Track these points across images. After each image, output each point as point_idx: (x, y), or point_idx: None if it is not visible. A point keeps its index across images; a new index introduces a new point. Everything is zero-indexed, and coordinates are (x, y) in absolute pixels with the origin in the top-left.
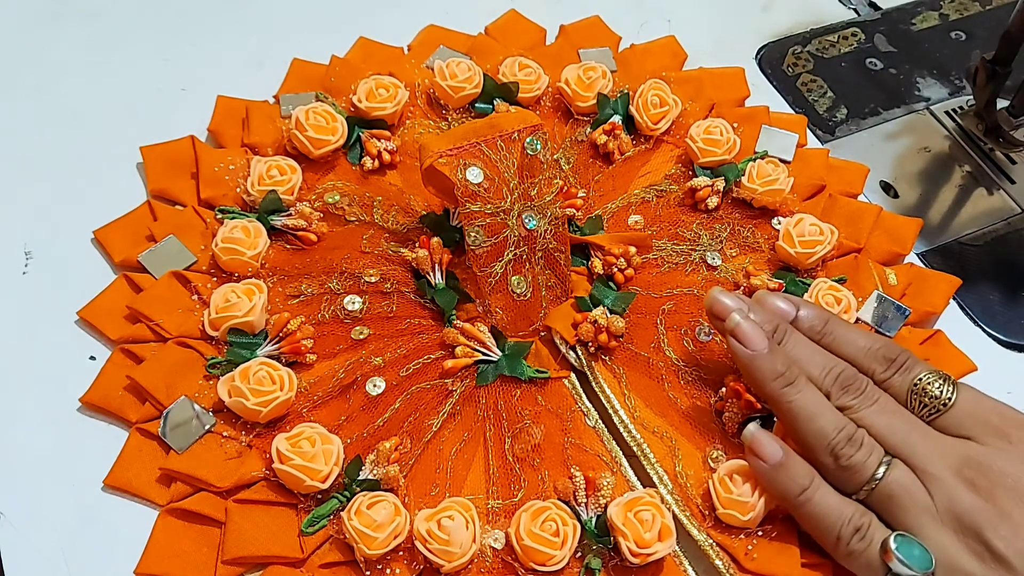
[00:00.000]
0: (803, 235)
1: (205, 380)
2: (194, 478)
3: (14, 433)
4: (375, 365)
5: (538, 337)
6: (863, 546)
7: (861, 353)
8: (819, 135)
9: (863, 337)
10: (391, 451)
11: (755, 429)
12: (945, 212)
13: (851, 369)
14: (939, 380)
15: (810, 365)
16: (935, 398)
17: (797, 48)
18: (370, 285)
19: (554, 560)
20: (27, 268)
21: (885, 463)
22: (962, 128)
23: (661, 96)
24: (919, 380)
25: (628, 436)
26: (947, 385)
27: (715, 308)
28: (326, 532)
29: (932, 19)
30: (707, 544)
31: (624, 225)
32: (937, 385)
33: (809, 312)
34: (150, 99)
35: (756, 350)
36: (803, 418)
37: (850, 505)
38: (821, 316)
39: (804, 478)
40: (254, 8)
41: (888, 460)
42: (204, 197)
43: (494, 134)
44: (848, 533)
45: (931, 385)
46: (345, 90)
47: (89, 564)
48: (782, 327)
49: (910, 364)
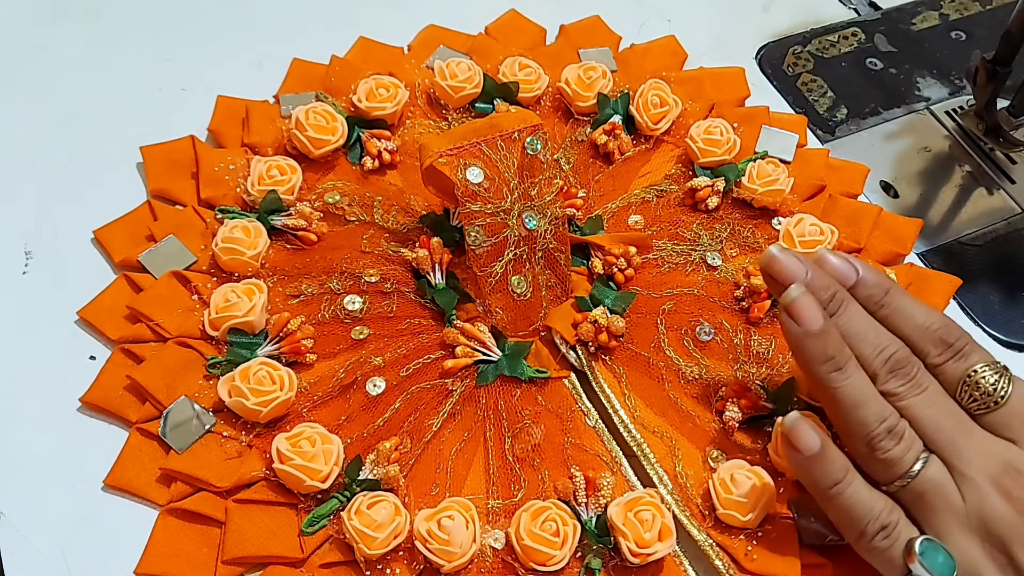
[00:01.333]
0: (803, 235)
1: (205, 380)
2: (194, 478)
3: (14, 433)
4: (375, 365)
5: (538, 337)
6: (887, 544)
7: (918, 332)
8: (819, 135)
9: (923, 313)
10: (391, 451)
11: (797, 417)
12: (945, 212)
13: (904, 351)
14: (994, 374)
15: (862, 342)
16: (987, 394)
17: (797, 48)
18: (370, 285)
19: (554, 560)
20: (27, 268)
21: (922, 459)
22: (962, 128)
23: (661, 96)
24: (974, 371)
25: (628, 436)
26: (1002, 380)
27: (774, 268)
28: (326, 532)
29: (932, 19)
30: (707, 544)
31: (624, 225)
32: (991, 380)
33: (870, 278)
34: (150, 99)
35: (810, 329)
36: (847, 406)
37: (880, 500)
38: (882, 285)
39: (839, 471)
40: (254, 8)
41: (926, 456)
42: (204, 197)
43: (494, 134)
44: (874, 529)
45: (985, 379)
46: (345, 90)
47: (89, 564)
48: (839, 295)
49: (967, 351)
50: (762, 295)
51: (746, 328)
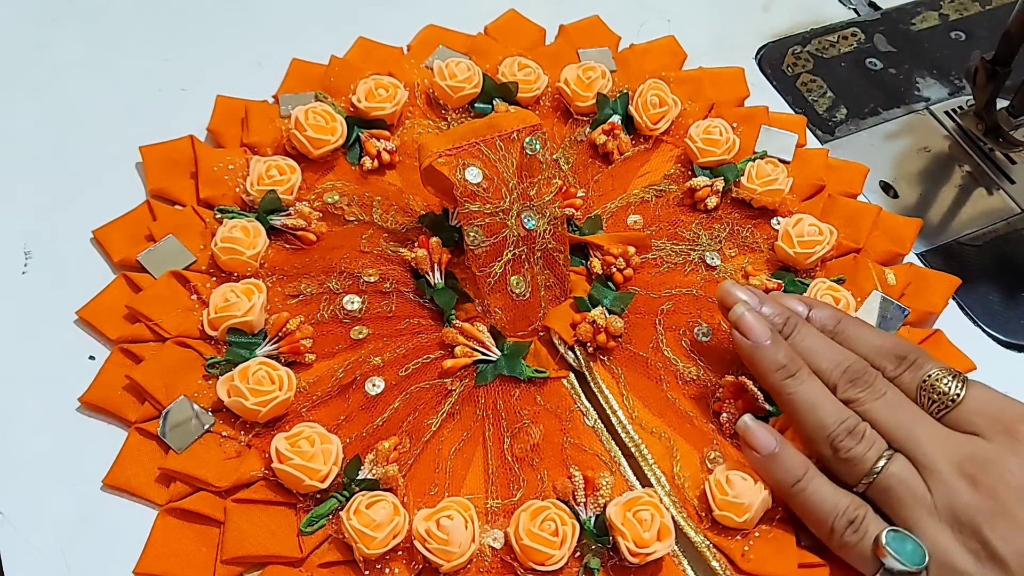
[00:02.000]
0: (802, 235)
1: (204, 380)
2: (193, 478)
3: (14, 433)
4: (374, 365)
5: (537, 337)
6: (856, 539)
7: (873, 351)
8: (819, 135)
9: (876, 336)
10: (390, 451)
11: (749, 420)
12: (945, 212)
13: (861, 363)
14: (948, 377)
15: (818, 357)
16: (943, 394)
17: (797, 48)
18: (369, 285)
19: (553, 560)
20: (27, 268)
21: (885, 456)
22: (962, 128)
23: (660, 96)
24: (928, 376)
25: (626, 436)
26: (956, 382)
27: (725, 299)
28: (325, 532)
29: (932, 19)
30: (704, 545)
31: (623, 225)
32: (946, 382)
33: (822, 312)
34: (150, 99)
35: (757, 342)
36: (803, 410)
37: (845, 497)
38: (834, 316)
39: (798, 469)
40: (254, 8)
41: (889, 454)
42: (203, 197)
43: (493, 134)
44: (842, 525)
45: (940, 381)
46: (344, 90)
47: (89, 564)
48: (792, 320)
49: (921, 361)
50: None
51: None
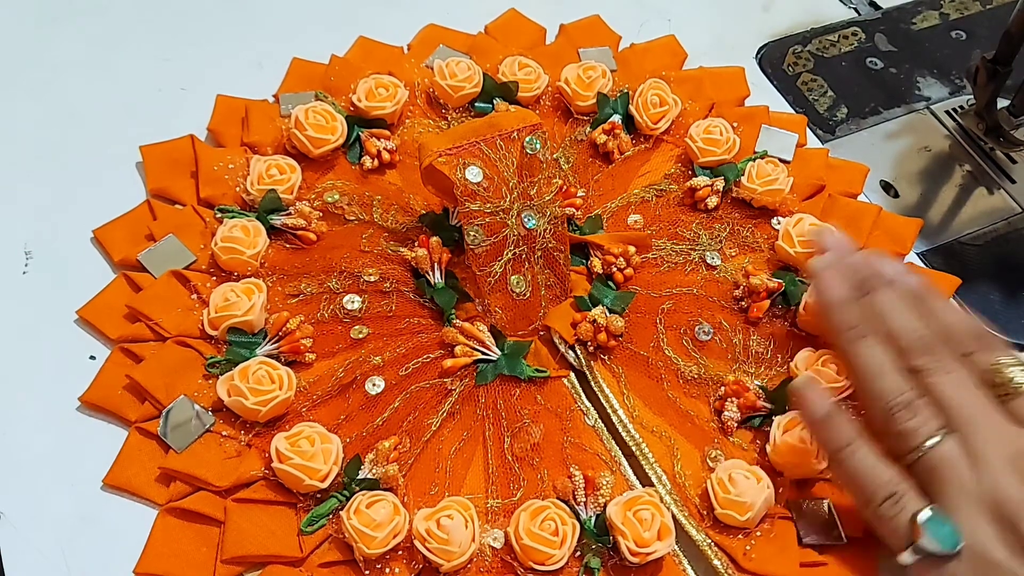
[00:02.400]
0: (803, 235)
1: (204, 379)
2: (193, 477)
3: (14, 433)
4: (374, 364)
5: (537, 336)
6: (894, 512)
7: (950, 327)
8: (819, 135)
9: (955, 314)
10: (390, 450)
11: (806, 381)
12: (945, 212)
13: (935, 336)
14: (1018, 366)
15: (894, 320)
16: (1008, 380)
17: (797, 48)
18: (369, 284)
19: (553, 559)
20: (27, 268)
21: (939, 435)
22: (962, 127)
23: (661, 95)
24: (999, 361)
25: (627, 435)
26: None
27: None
28: (325, 531)
29: (932, 18)
30: (705, 544)
31: (623, 224)
32: (1013, 370)
33: (908, 279)
34: (150, 99)
35: (833, 299)
36: (866, 375)
37: (888, 470)
38: (919, 285)
39: (846, 436)
40: (254, 8)
41: (942, 433)
42: (204, 196)
43: (494, 133)
44: (881, 496)
45: (1007, 368)
46: (345, 89)
47: (89, 563)
48: (875, 280)
49: (995, 346)
50: (761, 295)
51: (745, 328)
